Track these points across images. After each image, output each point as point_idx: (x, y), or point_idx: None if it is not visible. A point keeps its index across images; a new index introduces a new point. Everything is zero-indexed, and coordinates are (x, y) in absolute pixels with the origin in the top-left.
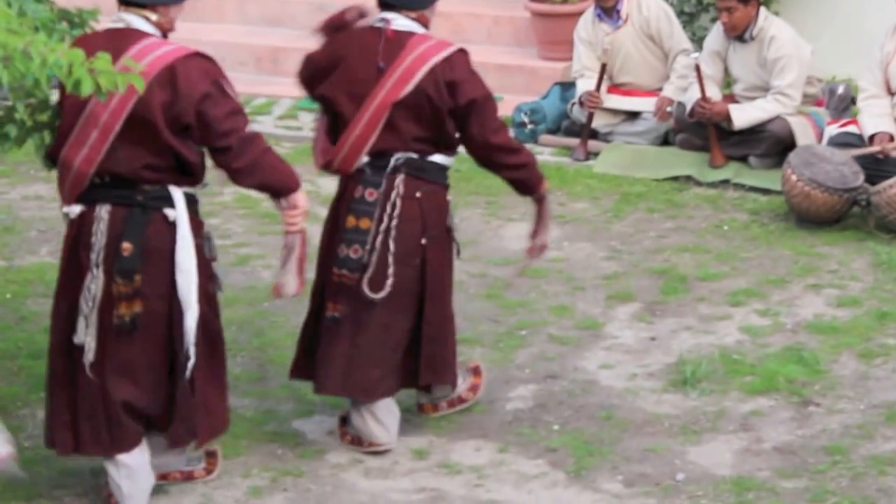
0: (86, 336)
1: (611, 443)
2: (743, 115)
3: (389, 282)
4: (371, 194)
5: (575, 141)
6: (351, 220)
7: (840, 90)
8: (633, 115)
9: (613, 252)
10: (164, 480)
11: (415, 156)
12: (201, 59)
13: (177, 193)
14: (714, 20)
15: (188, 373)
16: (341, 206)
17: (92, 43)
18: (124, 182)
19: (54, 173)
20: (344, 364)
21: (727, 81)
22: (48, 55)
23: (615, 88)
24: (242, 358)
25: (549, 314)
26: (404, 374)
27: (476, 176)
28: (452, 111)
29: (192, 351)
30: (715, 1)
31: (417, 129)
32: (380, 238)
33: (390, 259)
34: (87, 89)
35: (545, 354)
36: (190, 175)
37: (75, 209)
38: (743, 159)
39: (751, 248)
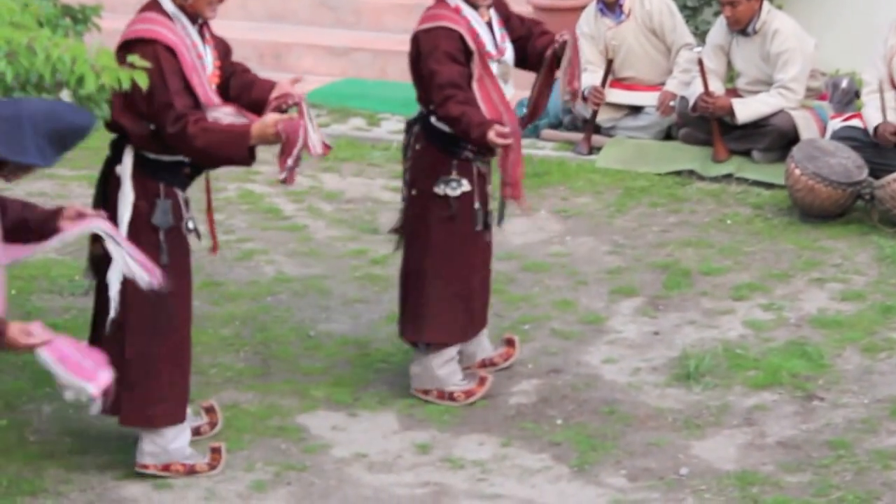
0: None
1: (614, 437)
2: (746, 110)
3: (396, 219)
4: (405, 141)
5: (577, 135)
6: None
7: (844, 84)
8: (635, 110)
9: (616, 246)
10: (167, 472)
11: (425, 111)
12: (157, 47)
13: (127, 151)
14: (717, 14)
15: (106, 329)
16: None
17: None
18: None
19: (57, 170)
20: None
21: (730, 75)
22: (52, 50)
23: (618, 83)
24: (245, 353)
25: (552, 309)
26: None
27: None
28: (420, 79)
29: (112, 305)
30: None
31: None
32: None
33: (402, 201)
34: (90, 85)
35: (548, 349)
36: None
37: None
38: (746, 153)
39: (754, 242)
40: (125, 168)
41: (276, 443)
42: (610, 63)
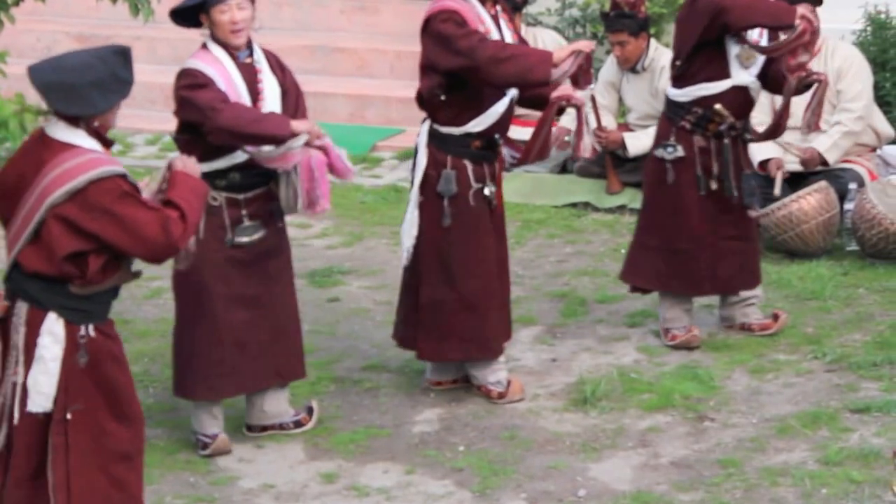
0: None
1: (514, 462)
2: (637, 143)
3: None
4: None
5: None
6: None
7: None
8: None
9: (516, 277)
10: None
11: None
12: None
13: (424, 123)
14: (608, 53)
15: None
16: None
17: None
18: None
19: None
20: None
21: (621, 111)
22: None
23: (515, 119)
24: (155, 389)
25: None
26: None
27: (381, 207)
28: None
29: (404, 255)
30: (608, 35)
31: None
32: None
33: None
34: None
35: None
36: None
37: None
38: (638, 185)
39: None
40: (421, 139)
41: (185, 476)
42: None
